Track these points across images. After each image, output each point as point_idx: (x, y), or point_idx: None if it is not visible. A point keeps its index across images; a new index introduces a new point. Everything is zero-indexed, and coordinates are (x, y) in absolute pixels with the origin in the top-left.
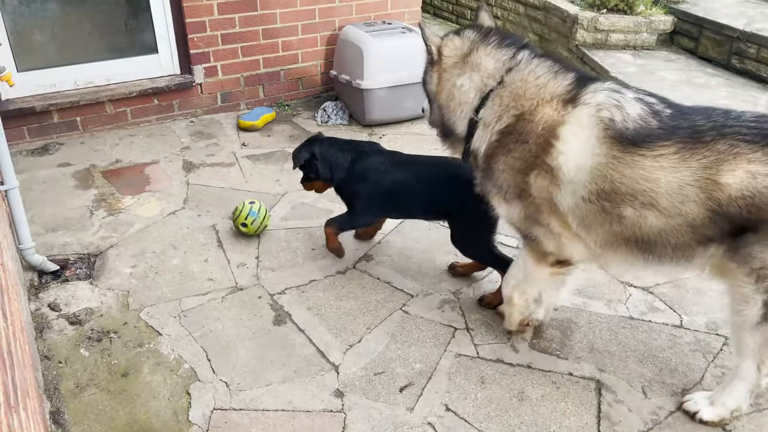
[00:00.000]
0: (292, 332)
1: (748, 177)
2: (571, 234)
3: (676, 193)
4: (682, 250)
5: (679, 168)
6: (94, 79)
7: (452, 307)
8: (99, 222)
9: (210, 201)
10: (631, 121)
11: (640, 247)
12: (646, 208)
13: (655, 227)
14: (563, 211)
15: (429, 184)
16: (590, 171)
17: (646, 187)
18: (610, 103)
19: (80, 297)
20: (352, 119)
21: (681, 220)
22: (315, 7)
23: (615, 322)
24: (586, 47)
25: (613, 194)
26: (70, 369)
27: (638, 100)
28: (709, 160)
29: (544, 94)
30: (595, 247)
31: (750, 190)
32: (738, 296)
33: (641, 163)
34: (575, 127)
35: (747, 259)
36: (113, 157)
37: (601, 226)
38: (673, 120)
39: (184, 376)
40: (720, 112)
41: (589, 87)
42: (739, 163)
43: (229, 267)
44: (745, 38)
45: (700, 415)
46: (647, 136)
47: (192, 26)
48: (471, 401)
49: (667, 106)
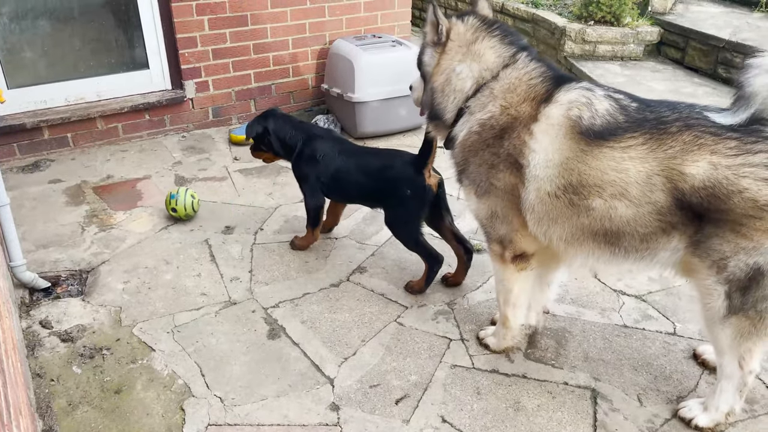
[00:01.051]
0: (286, 346)
1: (711, 168)
2: (527, 231)
3: (645, 183)
4: (648, 240)
5: (647, 158)
6: (85, 95)
7: (447, 318)
8: (91, 238)
9: (202, 215)
10: (599, 117)
11: (607, 240)
12: (616, 198)
13: (625, 217)
14: (526, 208)
15: (365, 174)
16: (558, 166)
17: (616, 178)
18: (579, 101)
19: (72, 314)
20: (343, 132)
21: (650, 208)
22: (305, 21)
23: (609, 330)
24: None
25: (581, 187)
26: (63, 387)
27: (607, 97)
28: (674, 150)
29: (530, 94)
30: (560, 242)
31: (711, 180)
32: (703, 290)
33: (609, 154)
34: (545, 124)
35: (708, 252)
36: (105, 172)
37: (568, 219)
38: (640, 113)
39: (177, 392)
40: (685, 105)
41: (563, 86)
42: (702, 154)
43: (222, 281)
44: (731, 48)
45: (696, 422)
46: (615, 129)
47: (183, 42)
48: (467, 412)
49: (633, 101)
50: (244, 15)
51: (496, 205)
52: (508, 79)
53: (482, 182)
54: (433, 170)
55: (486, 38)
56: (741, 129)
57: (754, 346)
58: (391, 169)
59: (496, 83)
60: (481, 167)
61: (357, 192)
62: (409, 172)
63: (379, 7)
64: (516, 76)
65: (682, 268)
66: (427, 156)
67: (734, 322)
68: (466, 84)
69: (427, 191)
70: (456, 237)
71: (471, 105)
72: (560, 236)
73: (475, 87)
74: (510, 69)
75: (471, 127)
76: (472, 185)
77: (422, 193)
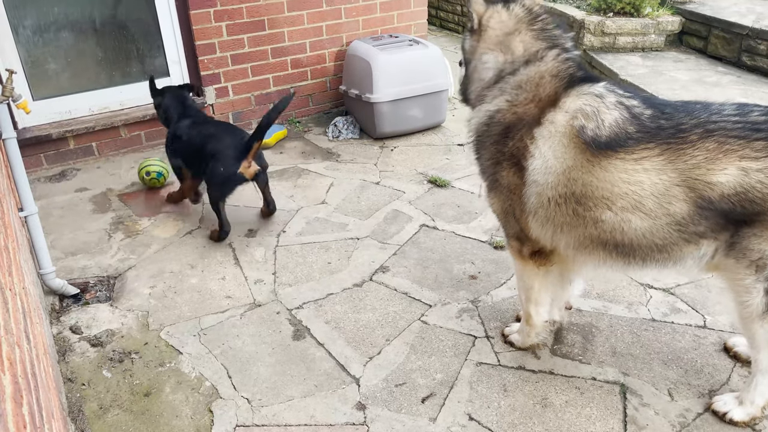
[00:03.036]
0: (311, 346)
1: (741, 174)
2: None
3: (662, 195)
4: (669, 251)
5: (664, 170)
6: (108, 104)
7: (471, 315)
8: (117, 244)
9: None
10: (605, 128)
11: (620, 251)
12: (628, 211)
13: (640, 230)
14: (528, 210)
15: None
16: (559, 174)
17: (627, 190)
18: (585, 111)
19: (101, 319)
20: (363, 133)
21: (669, 219)
22: (322, 24)
23: (637, 324)
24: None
25: (585, 198)
26: (93, 390)
27: (618, 105)
28: (697, 159)
29: (539, 94)
30: (567, 249)
31: (744, 186)
32: (740, 289)
33: (620, 166)
34: (548, 130)
35: (745, 253)
36: (129, 180)
37: (574, 228)
38: (654, 121)
39: (205, 394)
40: (700, 107)
41: (574, 90)
42: (730, 160)
43: (246, 284)
44: (755, 35)
45: (730, 416)
46: (625, 140)
47: (202, 48)
48: (494, 410)
49: (647, 107)
50: (262, 20)
51: (505, 202)
52: (523, 75)
53: (491, 176)
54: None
55: (523, 31)
56: (765, 127)
57: None
58: (218, 142)
59: (512, 77)
60: (489, 161)
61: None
62: (228, 154)
63: (395, 7)
64: (530, 73)
65: (713, 268)
66: (248, 152)
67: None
68: (489, 74)
69: (236, 176)
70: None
71: (486, 95)
72: (567, 243)
73: (495, 78)
74: (530, 65)
75: (481, 117)
76: (484, 177)
77: (232, 175)
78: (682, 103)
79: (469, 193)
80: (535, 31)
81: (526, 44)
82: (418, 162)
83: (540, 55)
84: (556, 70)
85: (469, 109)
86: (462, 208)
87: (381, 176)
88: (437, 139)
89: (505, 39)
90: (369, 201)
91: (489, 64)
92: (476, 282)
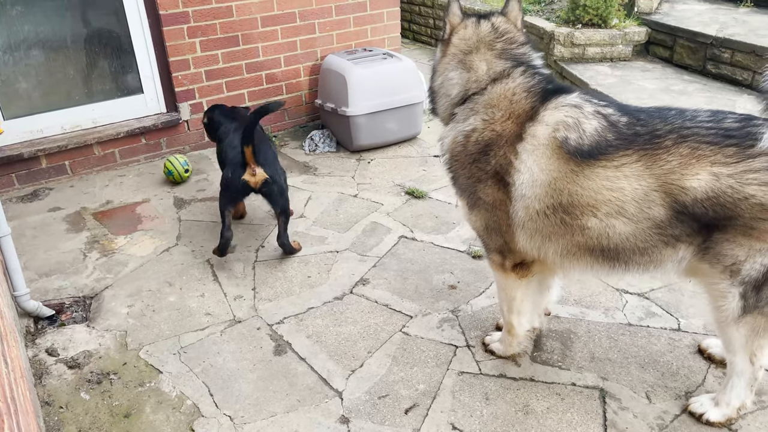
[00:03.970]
0: (293, 361)
1: (713, 179)
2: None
3: (642, 200)
4: (650, 254)
5: (643, 175)
6: (81, 122)
7: (451, 325)
8: (93, 264)
9: (203, 236)
10: (587, 137)
11: (605, 256)
12: (612, 216)
13: (623, 234)
14: (516, 224)
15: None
16: (546, 186)
17: (611, 197)
18: (566, 123)
19: (78, 340)
20: (339, 146)
21: (649, 223)
22: (296, 39)
23: (614, 329)
24: (565, 62)
25: (572, 207)
26: (72, 413)
27: (596, 114)
28: (672, 165)
29: (515, 110)
30: (555, 257)
31: (715, 191)
32: (716, 293)
33: (602, 174)
34: (531, 145)
35: (719, 258)
36: (103, 198)
37: (562, 237)
38: (631, 128)
39: (187, 413)
40: (675, 112)
41: (551, 103)
42: (702, 165)
43: (226, 300)
44: (719, 44)
45: (707, 417)
46: (606, 148)
47: (176, 65)
48: (477, 418)
49: (623, 114)
50: (235, 35)
51: (489, 218)
52: (492, 93)
53: (472, 195)
54: (266, 168)
55: (484, 49)
56: (737, 133)
57: (766, 342)
58: (233, 149)
59: (481, 97)
60: (470, 180)
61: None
62: (238, 160)
63: (368, 21)
64: (500, 91)
65: (690, 273)
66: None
67: (749, 321)
68: (455, 90)
69: (239, 183)
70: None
71: (457, 113)
72: (555, 251)
73: (461, 95)
74: (498, 84)
75: (456, 136)
76: (463, 196)
77: (236, 181)
78: (656, 109)
79: (447, 203)
80: (496, 51)
81: (489, 63)
82: (396, 174)
83: (507, 72)
84: (527, 85)
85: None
86: (440, 218)
87: (359, 189)
88: (413, 150)
89: (467, 57)
90: (347, 214)
91: (454, 80)
92: (456, 292)
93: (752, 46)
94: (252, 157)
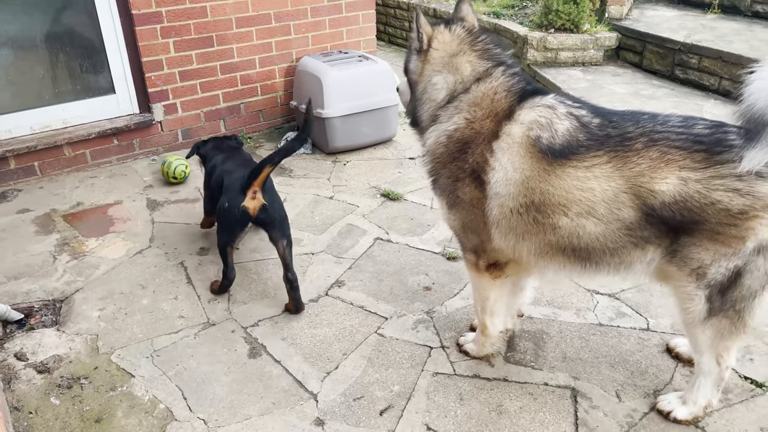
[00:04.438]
0: (268, 364)
1: (681, 183)
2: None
3: (612, 201)
4: (620, 255)
5: (613, 177)
6: (50, 123)
7: (426, 326)
8: (63, 267)
9: (177, 238)
10: (559, 137)
11: (577, 255)
12: (582, 216)
13: (593, 234)
14: (491, 222)
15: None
16: (519, 184)
17: (581, 197)
18: (539, 122)
19: (47, 344)
20: (315, 148)
21: (619, 224)
22: (271, 40)
23: (585, 329)
24: (538, 66)
25: (543, 206)
26: (41, 419)
27: (568, 115)
28: (641, 167)
29: (494, 109)
30: (529, 256)
31: (682, 195)
32: (682, 296)
33: (573, 174)
34: (506, 143)
35: (686, 261)
36: (74, 200)
37: (535, 236)
38: (602, 129)
39: (159, 417)
40: (647, 116)
41: (527, 103)
42: (671, 170)
43: (200, 303)
44: (687, 50)
45: (674, 415)
46: (577, 148)
47: (149, 65)
48: (451, 419)
49: (595, 116)
50: (210, 36)
51: (466, 217)
52: (476, 92)
53: (452, 194)
54: (264, 194)
55: (468, 51)
56: (707, 140)
57: (732, 343)
58: (229, 175)
59: (466, 96)
60: (449, 179)
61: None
62: (234, 187)
63: (343, 23)
64: (483, 90)
65: (659, 276)
66: (253, 178)
67: (714, 323)
68: (441, 94)
69: (238, 211)
70: (284, 265)
71: (441, 114)
72: (529, 250)
73: (447, 98)
74: (481, 83)
75: (438, 137)
76: (442, 196)
77: (234, 210)
78: (628, 112)
79: (422, 205)
80: (478, 51)
81: (473, 64)
82: (371, 176)
83: (489, 72)
84: (507, 84)
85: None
86: (415, 220)
87: (334, 191)
88: (389, 153)
89: (451, 60)
90: (323, 216)
91: (439, 85)
92: (431, 293)
93: (719, 52)
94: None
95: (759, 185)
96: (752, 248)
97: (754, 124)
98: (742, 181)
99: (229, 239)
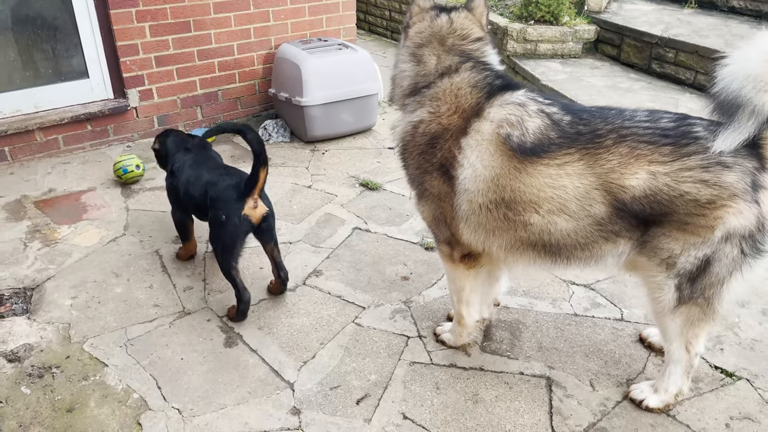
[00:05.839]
0: (244, 353)
1: (650, 178)
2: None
3: (584, 197)
4: (591, 249)
5: (584, 174)
6: (21, 107)
7: (404, 316)
8: (34, 254)
9: (151, 226)
10: (530, 135)
11: (548, 251)
12: (554, 214)
13: (565, 230)
14: (460, 217)
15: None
16: (489, 181)
17: (553, 195)
18: (509, 120)
19: (18, 333)
20: (293, 136)
21: (590, 220)
22: (250, 26)
23: (561, 319)
24: (517, 57)
25: (514, 203)
26: (12, 408)
27: (539, 113)
28: (612, 164)
29: (460, 105)
30: (500, 251)
31: (652, 189)
32: (653, 285)
33: (545, 172)
34: (475, 140)
35: (656, 252)
36: (46, 186)
37: (506, 232)
38: (573, 127)
39: (133, 407)
40: (614, 112)
41: (497, 99)
42: (640, 165)
43: (175, 292)
44: (664, 44)
45: (646, 403)
46: (549, 146)
47: (124, 49)
48: (427, 408)
49: (566, 113)
50: (187, 21)
51: (436, 210)
52: (439, 88)
53: (420, 186)
54: (262, 200)
55: (435, 44)
56: (673, 133)
57: (701, 330)
58: (214, 187)
59: (428, 90)
60: (418, 170)
61: (189, 205)
62: (229, 196)
63: (323, 11)
64: (446, 85)
65: (629, 267)
66: (253, 185)
67: (684, 311)
68: (406, 82)
69: (240, 221)
70: (276, 264)
71: (408, 104)
72: (499, 246)
73: (411, 88)
74: (445, 78)
75: (405, 127)
76: (412, 185)
77: (236, 221)
78: (597, 108)
79: (401, 195)
80: (446, 46)
81: (439, 57)
82: (350, 165)
83: (455, 67)
84: (474, 81)
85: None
86: (394, 210)
87: (313, 180)
88: (368, 142)
89: (417, 51)
90: (301, 205)
91: (406, 72)
92: (408, 283)
93: (695, 47)
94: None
95: (725, 175)
96: (720, 236)
97: (727, 106)
98: (708, 172)
99: (232, 257)
